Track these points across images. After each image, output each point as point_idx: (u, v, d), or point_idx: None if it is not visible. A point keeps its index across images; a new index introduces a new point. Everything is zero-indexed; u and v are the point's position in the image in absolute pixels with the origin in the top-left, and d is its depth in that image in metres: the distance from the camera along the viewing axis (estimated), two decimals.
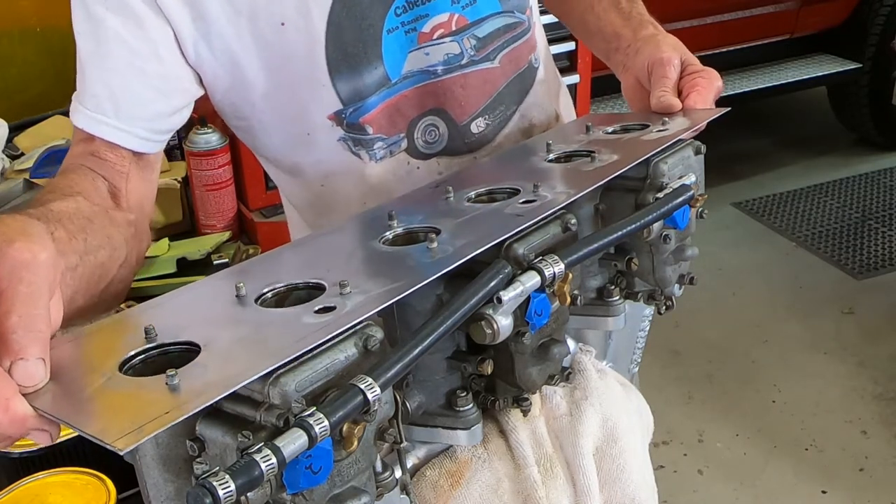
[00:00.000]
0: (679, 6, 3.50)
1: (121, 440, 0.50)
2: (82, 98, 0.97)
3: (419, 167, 1.09)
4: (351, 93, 1.03)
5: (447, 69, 1.06)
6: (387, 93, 1.04)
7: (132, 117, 0.96)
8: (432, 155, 1.10)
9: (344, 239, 0.82)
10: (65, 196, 0.86)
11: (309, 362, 0.57)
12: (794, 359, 3.02)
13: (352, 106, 1.03)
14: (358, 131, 1.05)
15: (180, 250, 1.68)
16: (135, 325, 0.64)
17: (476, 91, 1.09)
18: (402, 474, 0.71)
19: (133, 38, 0.95)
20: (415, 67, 1.05)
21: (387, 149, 1.07)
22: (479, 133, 1.11)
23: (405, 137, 1.07)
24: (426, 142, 1.09)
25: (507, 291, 0.67)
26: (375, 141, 1.06)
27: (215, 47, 0.98)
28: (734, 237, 3.75)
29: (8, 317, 0.60)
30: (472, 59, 1.08)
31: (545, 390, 0.86)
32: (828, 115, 4.48)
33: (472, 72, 1.08)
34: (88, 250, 0.80)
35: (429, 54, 1.05)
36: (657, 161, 0.86)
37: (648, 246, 0.87)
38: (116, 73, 0.96)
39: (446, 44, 1.05)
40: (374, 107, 1.04)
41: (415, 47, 1.04)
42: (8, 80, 2.25)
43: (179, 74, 0.99)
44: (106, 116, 0.95)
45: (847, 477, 2.51)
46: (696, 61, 1.02)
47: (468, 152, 1.11)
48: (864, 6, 4.07)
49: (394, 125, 1.06)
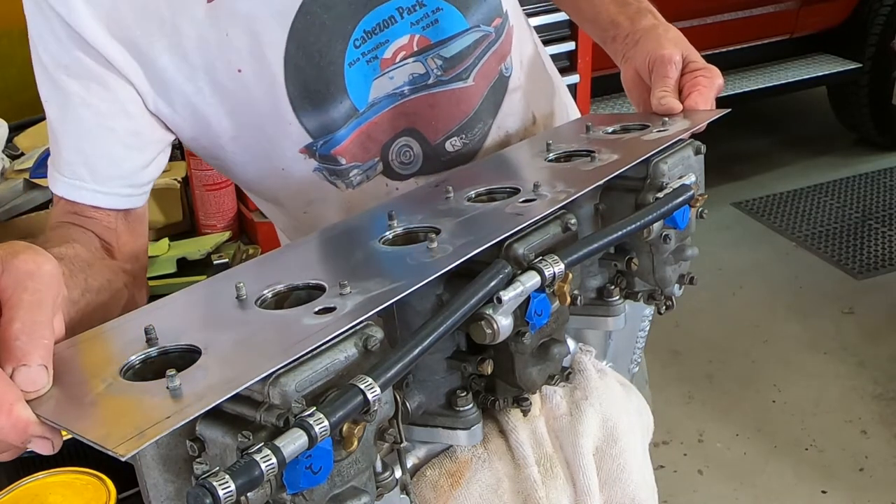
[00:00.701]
0: (679, 6, 3.50)
1: (122, 446, 0.50)
2: (58, 166, 0.97)
3: (398, 188, 1.08)
4: (318, 127, 1.01)
5: (414, 89, 1.04)
6: (356, 122, 1.03)
7: (109, 178, 0.96)
8: (409, 175, 1.08)
9: (344, 239, 0.82)
10: (61, 243, 0.86)
11: (309, 362, 0.57)
12: (794, 359, 3.02)
13: (322, 139, 1.02)
14: (331, 162, 1.04)
15: (180, 250, 1.68)
16: (135, 329, 0.64)
17: (447, 111, 1.06)
18: (402, 474, 0.71)
19: (98, 100, 0.95)
20: (381, 94, 1.03)
21: (363, 174, 1.06)
22: (455, 151, 1.09)
23: (380, 161, 1.06)
24: (402, 163, 1.07)
25: (507, 291, 0.67)
26: (350, 169, 1.05)
27: (175, 102, 0.97)
28: (734, 237, 3.75)
29: (11, 324, 0.60)
30: (440, 79, 1.05)
31: (545, 390, 0.86)
32: (828, 115, 4.48)
33: (441, 91, 1.05)
34: (89, 289, 0.80)
35: (393, 78, 1.03)
36: (657, 161, 0.86)
37: (648, 246, 0.87)
38: (87, 137, 0.95)
39: (410, 64, 1.03)
40: (344, 138, 1.03)
41: (378, 74, 1.02)
42: (8, 80, 2.25)
43: (150, 125, 0.99)
44: (83, 181, 0.95)
45: (847, 477, 2.51)
46: (697, 57, 1.01)
47: (445, 170, 1.09)
48: (864, 6, 4.07)
49: (367, 151, 1.05)
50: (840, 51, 4.15)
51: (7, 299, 0.62)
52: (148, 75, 0.95)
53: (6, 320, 0.61)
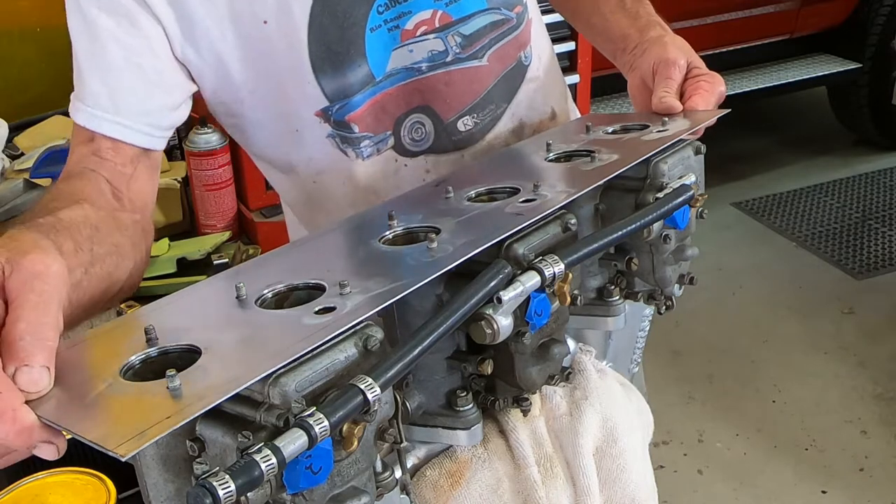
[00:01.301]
0: (679, 6, 3.50)
1: (122, 446, 0.50)
2: (81, 96, 0.98)
3: (407, 165, 1.10)
4: (336, 90, 1.03)
5: (431, 66, 1.06)
6: (372, 91, 1.04)
7: (132, 112, 0.96)
8: (419, 153, 1.10)
9: (344, 239, 0.82)
10: (71, 204, 0.86)
11: (309, 362, 0.57)
12: (794, 359, 3.02)
13: (338, 103, 1.04)
14: (345, 129, 1.05)
15: (180, 250, 1.68)
16: (135, 330, 0.64)
17: (461, 89, 1.09)
18: (402, 474, 0.71)
19: (127, 36, 0.96)
20: (399, 65, 1.05)
21: (374, 146, 1.08)
22: (467, 131, 1.11)
23: (392, 135, 1.08)
24: (413, 139, 1.09)
25: (507, 291, 0.67)
26: (362, 139, 1.07)
27: (201, 47, 0.99)
28: (734, 237, 3.75)
29: (17, 324, 0.61)
30: (458, 56, 1.07)
31: (545, 390, 0.86)
32: (828, 115, 4.48)
33: (457, 69, 1.08)
34: (95, 260, 0.81)
35: (412, 51, 1.05)
36: (657, 161, 0.86)
37: (648, 246, 0.87)
38: (113, 71, 0.96)
39: (430, 41, 1.05)
40: (359, 105, 1.04)
41: (398, 45, 1.04)
42: (8, 80, 2.25)
43: (175, 69, 1.00)
44: (106, 113, 0.96)
45: (847, 477, 2.51)
46: (701, 64, 1.02)
47: (455, 150, 1.11)
48: (864, 6, 4.06)
49: (380, 123, 1.07)
50: (840, 51, 4.14)
51: (14, 299, 0.62)
52: (177, 15, 0.97)
53: (12, 319, 0.61)
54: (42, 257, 0.65)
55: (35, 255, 0.65)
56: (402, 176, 1.09)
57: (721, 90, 1.00)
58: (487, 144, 1.13)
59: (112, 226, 0.88)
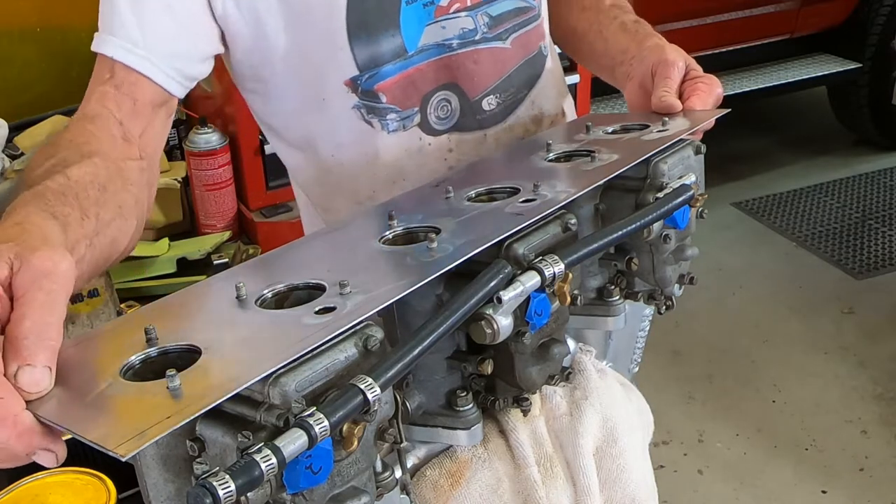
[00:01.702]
0: (679, 6, 3.50)
1: (122, 446, 0.50)
2: (111, 28, 0.97)
3: (430, 143, 1.11)
4: (367, 59, 1.05)
5: (462, 43, 1.09)
6: (403, 64, 1.06)
7: (161, 53, 0.97)
8: (444, 131, 1.12)
9: (344, 239, 0.82)
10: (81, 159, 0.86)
11: (309, 362, 0.57)
12: (794, 359, 3.02)
13: (368, 72, 1.05)
14: (372, 98, 1.07)
15: (180, 250, 1.68)
16: (135, 330, 0.64)
17: (488, 68, 1.11)
18: (402, 474, 0.71)
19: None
20: (431, 41, 1.07)
21: (400, 122, 1.09)
22: (490, 111, 1.13)
23: (418, 112, 1.09)
24: (438, 117, 1.11)
25: (507, 291, 0.67)
26: (388, 111, 1.08)
27: (242, 4, 1.00)
28: (734, 237, 3.75)
29: (22, 322, 0.60)
30: (485, 35, 1.10)
31: (545, 390, 0.86)
32: (828, 115, 4.48)
33: (485, 48, 1.10)
34: (99, 229, 0.81)
35: (445, 28, 1.07)
36: (657, 161, 0.86)
37: (648, 246, 0.87)
38: (147, 8, 0.97)
39: (462, 18, 1.08)
40: (389, 75, 1.06)
41: (432, 21, 1.07)
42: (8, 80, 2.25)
43: (208, 21, 1.01)
44: (136, 47, 0.96)
45: (847, 477, 2.51)
46: (698, 67, 1.04)
47: (479, 129, 1.13)
48: (864, 6, 4.06)
49: (408, 98, 1.08)
50: (840, 51, 4.14)
51: (21, 296, 0.62)
52: None
53: (17, 317, 0.61)
54: (51, 254, 0.65)
55: (45, 252, 0.65)
56: (426, 153, 1.11)
57: (718, 92, 1.01)
58: (508, 127, 1.15)
59: (118, 183, 0.88)
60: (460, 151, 1.12)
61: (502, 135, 1.15)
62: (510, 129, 1.15)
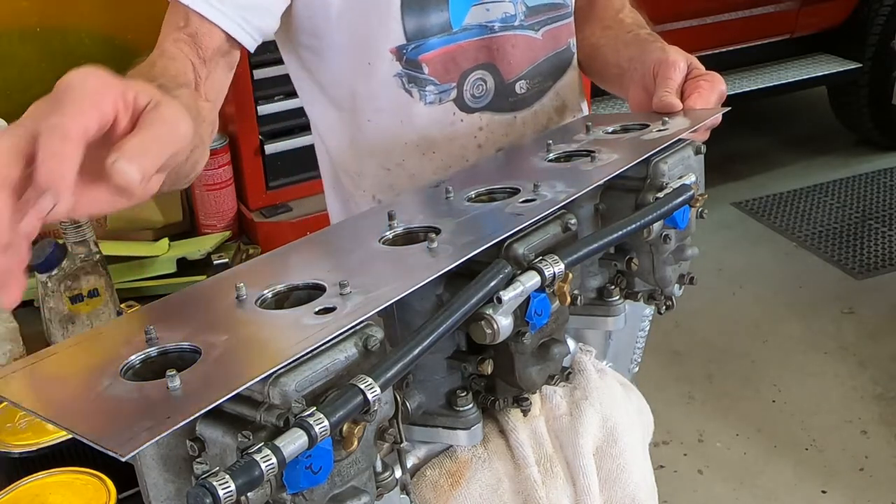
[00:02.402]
0: (679, 6, 3.50)
1: (122, 446, 0.50)
2: None
3: (463, 120, 1.15)
4: (415, 30, 1.09)
5: (503, 27, 1.14)
6: (447, 39, 1.11)
7: (231, 4, 0.98)
8: (477, 109, 1.16)
9: (344, 239, 0.82)
10: (178, 87, 0.87)
11: (309, 362, 0.57)
12: (794, 359, 3.02)
13: (414, 43, 1.09)
14: (414, 68, 1.11)
15: (180, 250, 1.68)
16: (136, 330, 0.64)
17: (523, 53, 1.16)
18: (402, 474, 0.71)
19: None
20: (475, 21, 1.12)
21: (437, 94, 1.13)
22: (521, 94, 1.18)
23: (455, 87, 1.13)
24: (473, 95, 1.15)
25: (507, 291, 0.67)
26: (428, 83, 1.12)
27: None
28: (734, 237, 3.75)
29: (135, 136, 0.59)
30: (522, 23, 1.15)
31: (545, 390, 0.86)
32: (828, 115, 4.48)
33: (521, 35, 1.15)
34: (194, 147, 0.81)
35: (489, 10, 1.12)
36: (657, 161, 0.86)
37: (648, 246, 0.87)
38: None
39: (504, 3, 1.13)
40: (433, 48, 1.11)
41: (477, 2, 1.11)
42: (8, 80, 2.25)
43: None
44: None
45: (847, 477, 2.51)
46: (700, 66, 1.04)
47: (510, 111, 1.17)
48: (864, 6, 4.06)
49: (448, 73, 1.12)
50: (840, 51, 4.14)
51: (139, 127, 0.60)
52: None
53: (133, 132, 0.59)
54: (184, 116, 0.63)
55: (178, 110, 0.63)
56: (457, 129, 1.15)
57: (721, 89, 1.01)
58: (534, 113, 1.20)
59: (198, 118, 0.89)
60: (490, 130, 1.16)
61: (529, 119, 1.19)
62: (535, 115, 1.20)
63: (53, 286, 1.31)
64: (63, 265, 1.31)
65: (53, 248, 1.30)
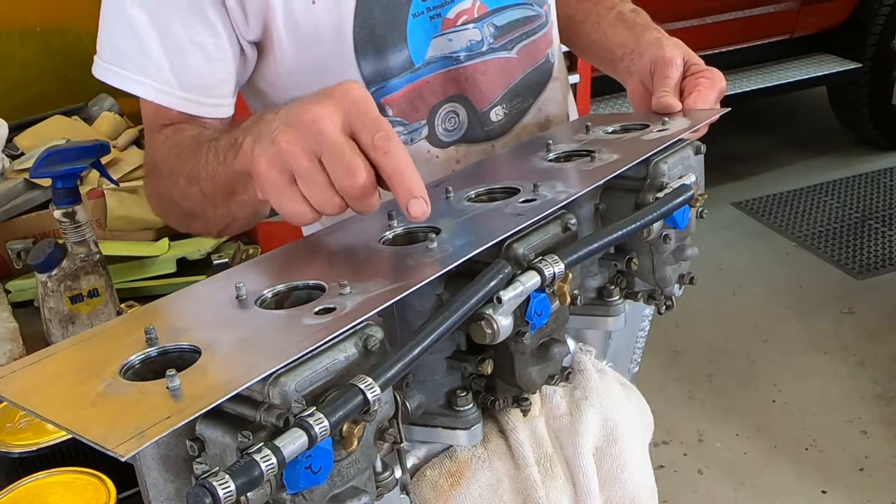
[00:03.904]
0: (679, 6, 3.50)
1: (122, 446, 0.50)
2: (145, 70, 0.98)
3: (438, 156, 1.11)
4: (374, 73, 1.04)
5: (469, 56, 1.09)
6: (410, 77, 1.06)
7: (196, 88, 0.99)
8: (452, 143, 1.12)
9: (344, 239, 0.82)
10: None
11: (309, 362, 0.57)
12: (794, 359, 3.02)
13: (374, 86, 1.05)
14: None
15: (180, 250, 1.67)
16: (135, 330, 0.64)
17: (495, 79, 1.11)
18: (402, 474, 0.71)
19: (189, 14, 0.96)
20: (438, 53, 1.07)
21: (407, 136, 1.09)
22: (498, 121, 1.13)
23: (426, 125, 1.09)
24: (446, 129, 1.11)
25: (507, 291, 0.67)
26: (395, 124, 1.08)
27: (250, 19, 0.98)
28: (734, 237, 3.75)
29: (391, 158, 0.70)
30: (491, 46, 1.10)
31: (545, 390, 0.86)
32: (828, 115, 4.48)
33: (492, 59, 1.10)
34: None
35: (452, 40, 1.07)
36: (657, 161, 0.86)
37: (648, 246, 0.87)
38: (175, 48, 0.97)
39: (469, 30, 1.08)
40: (396, 89, 1.06)
41: (438, 33, 1.06)
42: (8, 80, 2.25)
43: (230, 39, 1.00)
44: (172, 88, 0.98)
45: (847, 477, 2.51)
46: (699, 61, 1.03)
47: (486, 140, 1.13)
48: (864, 6, 4.07)
49: (415, 111, 1.08)
50: (840, 51, 4.14)
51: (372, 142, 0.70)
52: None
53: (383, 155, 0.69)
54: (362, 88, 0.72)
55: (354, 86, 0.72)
56: (433, 165, 1.11)
57: (721, 86, 1.00)
58: (515, 136, 1.15)
59: None
60: (468, 162, 1.12)
61: (510, 144, 1.15)
62: (517, 137, 1.15)
63: (53, 286, 1.31)
64: (63, 265, 1.31)
65: (53, 248, 1.30)
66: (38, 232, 1.64)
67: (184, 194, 0.93)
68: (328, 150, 0.69)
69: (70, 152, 1.32)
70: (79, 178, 1.34)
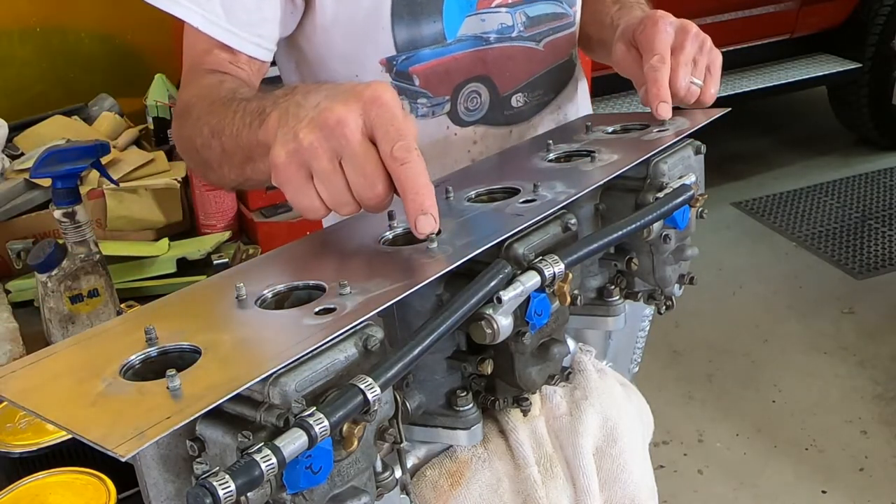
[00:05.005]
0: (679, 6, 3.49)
1: (122, 446, 0.50)
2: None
3: (457, 133, 1.13)
4: (406, 41, 1.06)
5: (499, 38, 1.11)
6: (440, 51, 1.08)
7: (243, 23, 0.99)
8: (471, 123, 1.13)
9: (344, 239, 0.82)
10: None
11: (309, 362, 0.57)
12: (794, 359, 3.02)
13: (404, 54, 1.07)
14: (405, 80, 1.08)
15: (180, 250, 1.67)
16: (135, 330, 0.64)
17: (521, 66, 1.13)
18: (402, 474, 0.71)
19: None
20: (469, 32, 1.09)
21: (430, 108, 1.11)
22: (518, 108, 1.16)
23: (449, 101, 1.11)
24: (467, 108, 1.13)
25: (507, 291, 0.67)
26: (420, 95, 1.09)
27: None
28: (734, 237, 3.75)
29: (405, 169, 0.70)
30: (521, 34, 1.12)
31: (545, 390, 0.86)
32: (828, 115, 4.48)
33: (520, 46, 1.13)
34: None
35: (484, 21, 1.09)
36: (657, 161, 0.86)
37: (648, 246, 0.87)
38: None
39: (502, 14, 1.10)
40: (425, 60, 1.08)
41: (473, 12, 1.09)
42: (8, 80, 2.25)
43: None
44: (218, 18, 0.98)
45: (847, 477, 2.51)
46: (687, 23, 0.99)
47: (505, 124, 1.15)
48: (864, 6, 4.07)
49: (441, 85, 1.10)
50: (840, 51, 4.14)
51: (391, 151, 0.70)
52: None
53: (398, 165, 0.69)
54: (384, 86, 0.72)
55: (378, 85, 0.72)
56: (451, 142, 1.13)
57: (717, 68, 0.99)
58: (532, 126, 1.18)
59: None
60: (484, 144, 1.14)
61: (526, 132, 1.17)
62: (534, 128, 1.18)
63: (53, 286, 1.31)
64: (63, 265, 1.31)
65: (53, 248, 1.30)
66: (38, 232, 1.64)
67: (205, 144, 0.93)
68: (349, 156, 0.70)
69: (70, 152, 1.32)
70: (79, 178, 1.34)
